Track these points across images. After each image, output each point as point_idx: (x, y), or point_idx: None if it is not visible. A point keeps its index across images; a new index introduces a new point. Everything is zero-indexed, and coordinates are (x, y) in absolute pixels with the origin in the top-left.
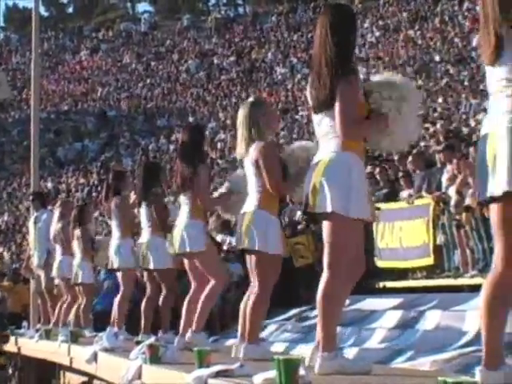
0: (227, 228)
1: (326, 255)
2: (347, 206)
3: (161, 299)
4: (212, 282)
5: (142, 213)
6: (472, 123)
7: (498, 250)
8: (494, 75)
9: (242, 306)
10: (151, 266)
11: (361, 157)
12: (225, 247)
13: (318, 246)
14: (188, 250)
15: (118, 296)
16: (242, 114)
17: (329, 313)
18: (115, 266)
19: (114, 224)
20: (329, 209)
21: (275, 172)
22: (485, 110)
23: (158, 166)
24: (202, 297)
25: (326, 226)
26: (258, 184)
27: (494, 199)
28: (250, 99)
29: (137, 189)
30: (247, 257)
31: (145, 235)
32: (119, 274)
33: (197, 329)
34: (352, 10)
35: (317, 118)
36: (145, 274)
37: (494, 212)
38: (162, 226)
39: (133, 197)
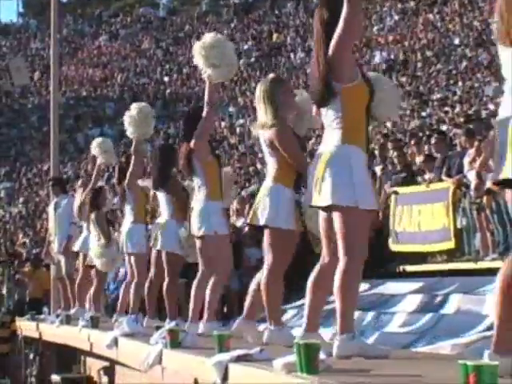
0: None
1: (340, 245)
2: (353, 198)
3: (164, 286)
4: (214, 277)
5: (161, 197)
6: (491, 107)
7: None
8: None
9: (252, 286)
10: (158, 247)
11: (362, 147)
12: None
13: None
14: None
15: (133, 283)
16: (261, 89)
17: (347, 296)
18: (126, 251)
19: (127, 208)
20: (329, 202)
21: (296, 154)
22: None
23: (173, 149)
24: (208, 289)
25: (336, 216)
26: (273, 160)
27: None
28: (270, 75)
29: (152, 173)
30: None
31: (163, 217)
32: (132, 259)
33: (209, 318)
34: None
35: (323, 110)
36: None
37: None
38: (184, 209)
39: (147, 181)
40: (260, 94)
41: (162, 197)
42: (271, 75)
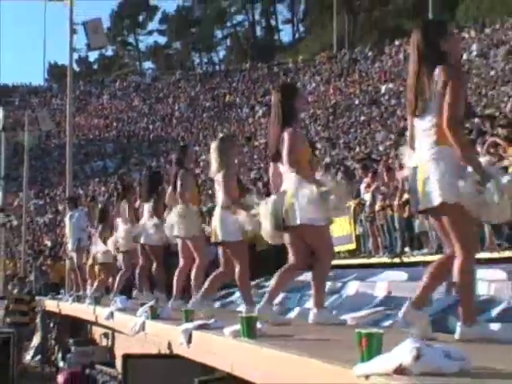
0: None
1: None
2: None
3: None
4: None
5: (146, 208)
6: (380, 148)
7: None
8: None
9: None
10: (142, 241)
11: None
12: None
13: None
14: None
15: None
16: (214, 146)
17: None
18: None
19: (120, 220)
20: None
21: (230, 192)
22: (390, 139)
23: (158, 175)
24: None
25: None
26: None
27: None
28: (220, 136)
29: (142, 191)
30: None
31: (142, 221)
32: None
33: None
34: (296, 87)
35: (281, 165)
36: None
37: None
38: (159, 216)
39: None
40: (213, 150)
41: (146, 208)
42: (221, 135)
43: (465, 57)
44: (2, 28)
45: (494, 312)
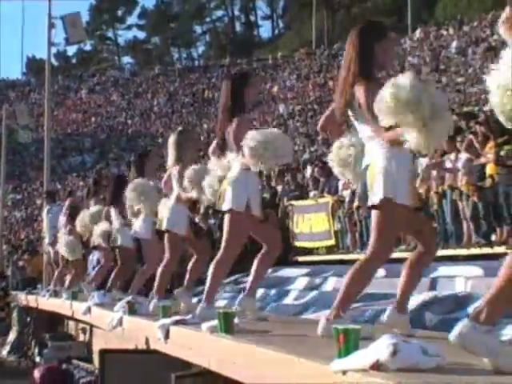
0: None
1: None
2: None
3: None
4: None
5: (113, 211)
6: None
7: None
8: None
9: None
10: (118, 244)
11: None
12: None
13: None
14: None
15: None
16: (172, 138)
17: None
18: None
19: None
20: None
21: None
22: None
23: (123, 179)
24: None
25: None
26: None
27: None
28: (179, 128)
29: (108, 193)
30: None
31: (115, 224)
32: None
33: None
34: (249, 76)
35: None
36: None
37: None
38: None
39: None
40: (171, 143)
41: (113, 211)
42: (179, 128)
43: (444, 54)
44: None
45: (471, 309)
